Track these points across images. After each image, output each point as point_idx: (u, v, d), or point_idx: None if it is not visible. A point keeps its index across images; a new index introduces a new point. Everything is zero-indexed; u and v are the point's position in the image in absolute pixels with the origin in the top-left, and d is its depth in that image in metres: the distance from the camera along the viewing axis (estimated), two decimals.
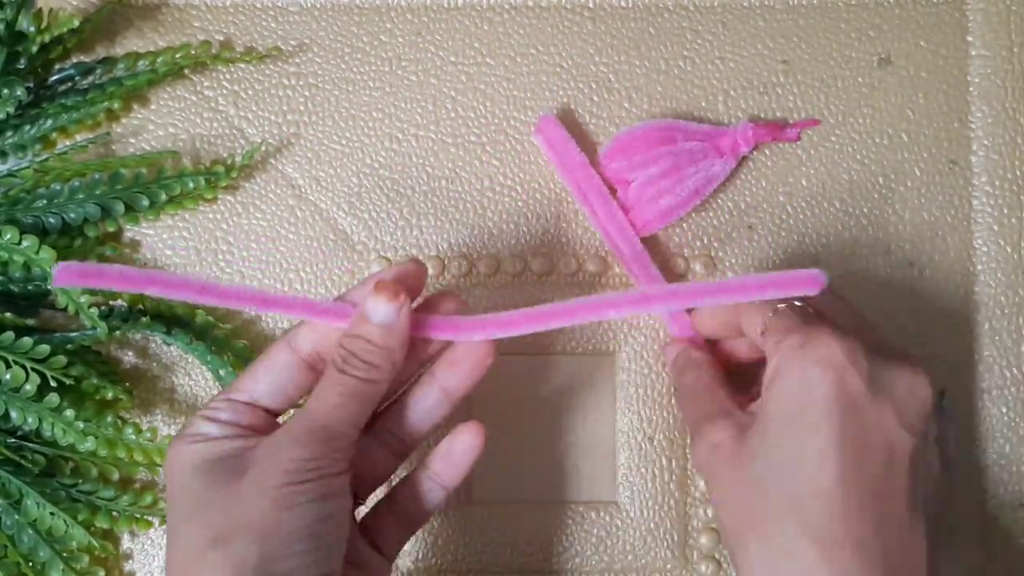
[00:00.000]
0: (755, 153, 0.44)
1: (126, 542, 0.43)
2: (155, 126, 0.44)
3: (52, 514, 0.39)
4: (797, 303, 0.35)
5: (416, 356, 0.36)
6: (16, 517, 0.40)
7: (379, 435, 0.36)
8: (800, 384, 0.33)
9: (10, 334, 0.38)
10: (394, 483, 0.37)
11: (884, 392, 0.32)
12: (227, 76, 0.44)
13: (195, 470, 0.32)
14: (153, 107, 0.44)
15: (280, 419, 0.35)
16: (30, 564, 0.40)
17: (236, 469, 0.31)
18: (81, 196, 0.41)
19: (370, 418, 0.34)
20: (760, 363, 0.35)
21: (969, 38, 0.45)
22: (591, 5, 0.45)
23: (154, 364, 0.43)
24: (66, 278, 0.32)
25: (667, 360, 0.41)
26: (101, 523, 0.40)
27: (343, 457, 0.32)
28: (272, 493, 0.30)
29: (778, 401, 0.33)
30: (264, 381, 0.34)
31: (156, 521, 0.42)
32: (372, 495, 0.37)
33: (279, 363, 0.34)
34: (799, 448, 0.32)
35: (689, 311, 0.41)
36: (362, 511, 0.37)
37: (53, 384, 0.38)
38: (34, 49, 0.41)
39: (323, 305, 0.34)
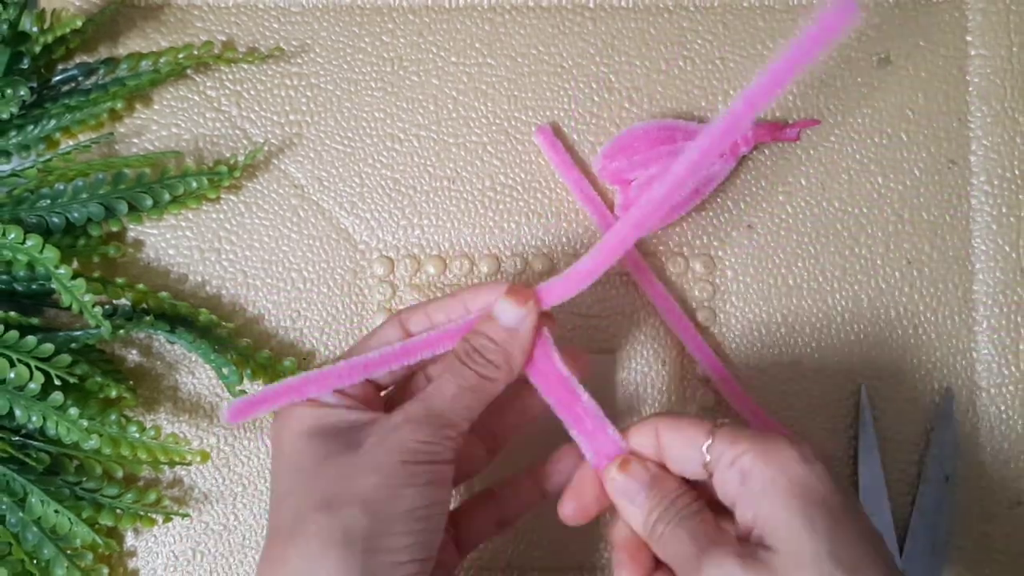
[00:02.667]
0: (755, 153, 0.44)
1: (130, 539, 0.43)
2: (158, 126, 0.44)
3: (56, 512, 0.39)
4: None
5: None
6: (21, 515, 0.40)
7: (474, 430, 0.36)
8: (799, 490, 0.30)
9: (14, 333, 0.38)
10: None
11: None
12: (230, 76, 0.44)
13: (310, 435, 0.32)
14: (156, 107, 0.44)
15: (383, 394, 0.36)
16: (34, 561, 0.40)
17: (351, 441, 0.32)
18: (85, 196, 0.41)
19: None
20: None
21: (968, 38, 0.45)
22: (592, 6, 0.45)
23: (158, 363, 0.43)
24: (239, 415, 0.34)
25: (614, 488, 0.34)
26: (105, 521, 0.41)
27: (454, 446, 0.33)
28: (387, 469, 0.31)
29: (775, 512, 0.30)
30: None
31: (160, 519, 0.42)
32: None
33: (389, 338, 0.35)
34: (814, 554, 0.29)
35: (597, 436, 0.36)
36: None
37: (57, 382, 0.38)
38: (37, 49, 0.41)
39: (455, 329, 0.35)
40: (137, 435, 0.40)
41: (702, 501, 0.33)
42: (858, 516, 0.30)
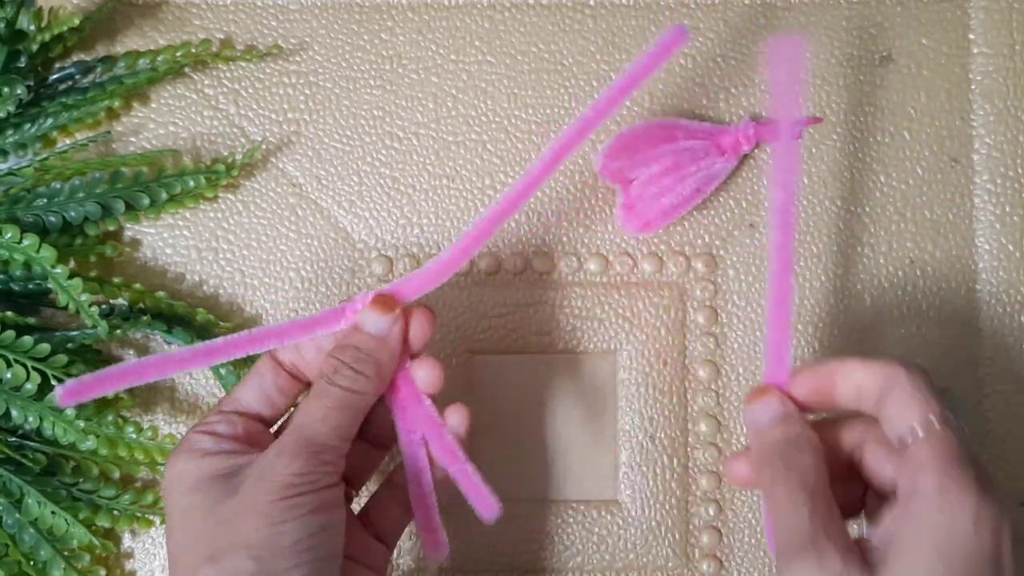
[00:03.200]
0: (757, 151, 0.44)
1: (127, 541, 0.43)
2: (156, 124, 0.44)
3: (53, 513, 0.39)
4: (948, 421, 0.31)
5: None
6: (17, 516, 0.40)
7: (361, 431, 0.36)
8: (947, 550, 0.28)
9: (11, 333, 0.38)
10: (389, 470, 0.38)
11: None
12: (228, 74, 0.44)
13: (191, 489, 0.32)
14: (154, 105, 0.44)
15: (273, 429, 0.36)
16: (31, 563, 0.40)
17: (231, 487, 0.32)
18: (82, 195, 0.41)
19: None
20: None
21: (971, 36, 0.45)
22: (592, 3, 0.45)
23: None
24: (71, 396, 0.33)
25: (755, 418, 0.33)
26: (102, 522, 0.40)
27: (334, 470, 0.33)
28: (264, 508, 0.31)
29: (915, 557, 0.28)
30: (252, 391, 0.35)
31: (157, 520, 0.42)
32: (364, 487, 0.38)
33: (264, 372, 0.35)
34: None
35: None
36: (358, 503, 0.38)
37: (54, 383, 0.38)
38: (34, 48, 0.41)
39: (313, 319, 0.35)
40: (134, 436, 0.40)
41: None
42: None
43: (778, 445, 0.32)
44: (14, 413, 0.38)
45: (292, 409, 0.37)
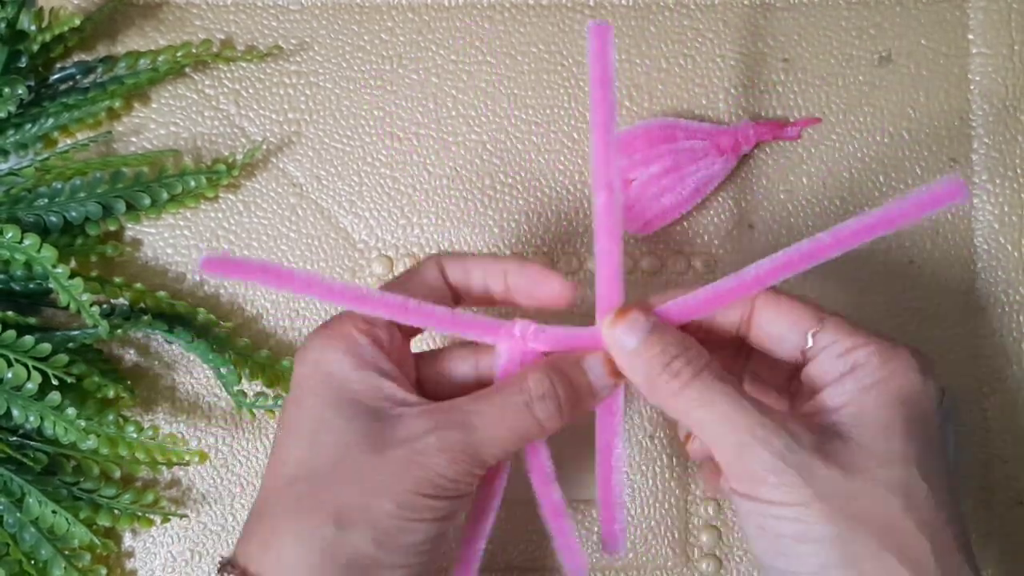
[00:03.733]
0: (756, 151, 0.44)
1: (128, 540, 0.43)
2: (156, 125, 0.44)
3: (54, 512, 0.39)
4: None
5: None
6: (18, 515, 0.40)
7: None
8: (908, 398, 0.29)
9: (12, 332, 0.38)
10: None
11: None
12: (228, 75, 0.44)
13: (335, 403, 0.30)
14: (154, 106, 0.44)
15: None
16: (32, 562, 0.40)
17: (376, 437, 0.29)
18: (82, 195, 0.41)
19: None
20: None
21: (970, 36, 0.45)
22: (592, 3, 0.45)
23: (156, 362, 0.43)
24: (211, 268, 0.30)
25: (623, 342, 0.31)
26: (103, 521, 0.40)
27: (478, 482, 0.31)
28: (405, 497, 0.29)
29: (877, 411, 0.29)
30: (412, 293, 0.32)
31: (158, 519, 0.42)
32: None
33: (428, 280, 0.33)
34: (901, 476, 0.29)
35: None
36: None
37: (55, 382, 0.38)
38: (35, 48, 0.41)
39: (470, 319, 0.32)
40: (135, 435, 0.40)
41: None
42: (943, 447, 0.30)
43: (667, 360, 0.31)
44: (15, 413, 0.38)
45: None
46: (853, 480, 0.28)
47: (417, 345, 0.36)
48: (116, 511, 0.41)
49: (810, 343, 0.31)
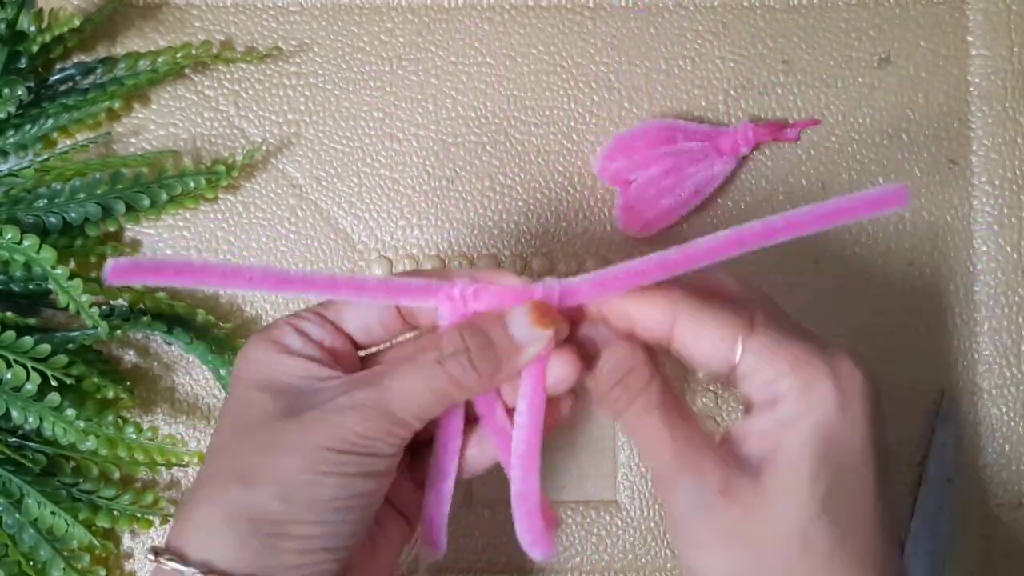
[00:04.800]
0: (755, 153, 0.44)
1: (127, 541, 0.43)
2: (156, 125, 0.44)
3: (53, 513, 0.39)
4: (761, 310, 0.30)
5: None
6: (17, 516, 0.40)
7: (412, 464, 0.34)
8: (824, 435, 0.28)
9: (11, 333, 0.38)
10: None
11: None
12: (228, 76, 0.44)
13: (259, 385, 0.31)
14: (154, 107, 0.44)
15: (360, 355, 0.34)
16: (31, 563, 0.40)
17: (295, 404, 0.30)
18: (82, 195, 0.41)
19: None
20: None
21: (969, 38, 0.45)
22: (591, 5, 0.45)
23: (155, 363, 0.43)
24: (118, 275, 0.29)
25: (601, 374, 0.31)
26: (102, 522, 0.40)
27: (400, 443, 0.30)
28: (312, 453, 0.29)
29: (790, 446, 0.29)
30: (355, 311, 0.32)
31: (157, 520, 0.42)
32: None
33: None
34: (799, 519, 0.28)
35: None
36: None
37: (54, 383, 0.38)
38: (35, 48, 0.41)
39: (404, 285, 0.31)
40: (134, 436, 0.40)
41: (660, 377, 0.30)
42: (869, 482, 0.29)
43: (608, 385, 0.31)
44: (14, 413, 0.38)
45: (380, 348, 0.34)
46: (753, 521, 0.28)
47: None
48: (115, 512, 0.41)
49: (737, 358, 0.30)
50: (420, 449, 0.34)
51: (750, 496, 0.29)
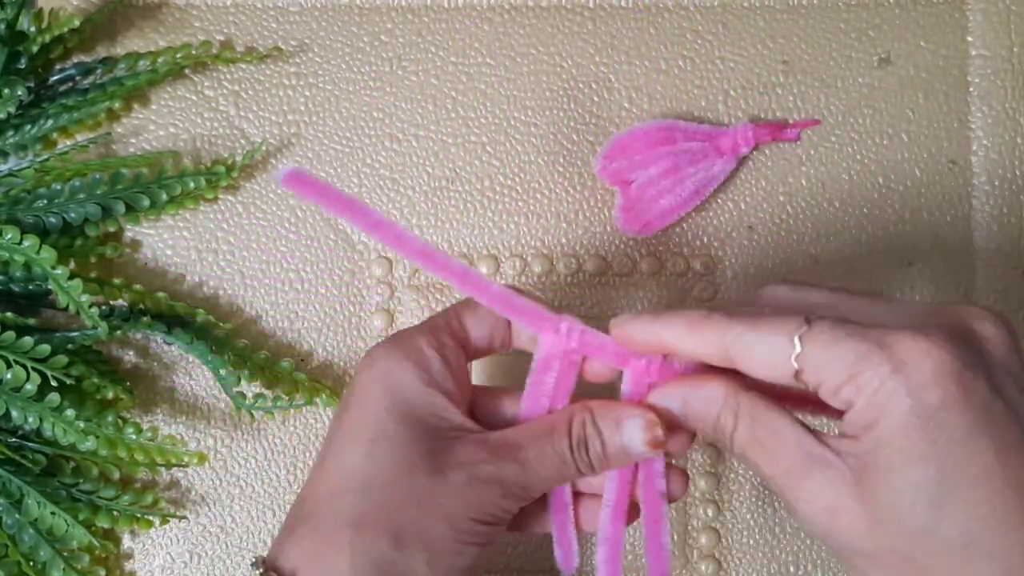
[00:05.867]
0: (755, 153, 0.44)
1: (127, 541, 0.43)
2: (156, 126, 0.44)
3: (53, 513, 0.39)
4: (817, 317, 0.28)
5: None
6: (17, 516, 0.40)
7: None
8: (922, 418, 0.26)
9: (11, 334, 0.38)
10: None
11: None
12: (228, 76, 0.44)
13: (401, 417, 0.30)
14: (154, 107, 0.44)
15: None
16: (31, 563, 0.40)
17: (434, 457, 0.30)
18: (82, 196, 0.41)
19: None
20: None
21: (969, 38, 0.45)
22: (591, 5, 0.45)
23: (155, 364, 0.43)
24: (292, 182, 0.30)
25: (706, 417, 0.30)
26: (102, 522, 0.40)
27: (517, 510, 0.31)
28: (460, 522, 0.29)
29: (900, 441, 0.26)
30: (476, 319, 0.32)
31: (156, 520, 0.42)
32: None
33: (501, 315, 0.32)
34: (951, 494, 0.26)
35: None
36: None
37: (54, 384, 0.38)
38: (35, 49, 0.41)
39: (527, 308, 0.32)
40: (134, 436, 0.40)
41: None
42: (1000, 468, 0.26)
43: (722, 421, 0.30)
44: (14, 414, 0.38)
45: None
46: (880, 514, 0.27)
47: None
48: (115, 512, 0.41)
49: (795, 366, 0.28)
50: None
51: (883, 494, 0.27)
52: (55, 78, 0.43)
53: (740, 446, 0.30)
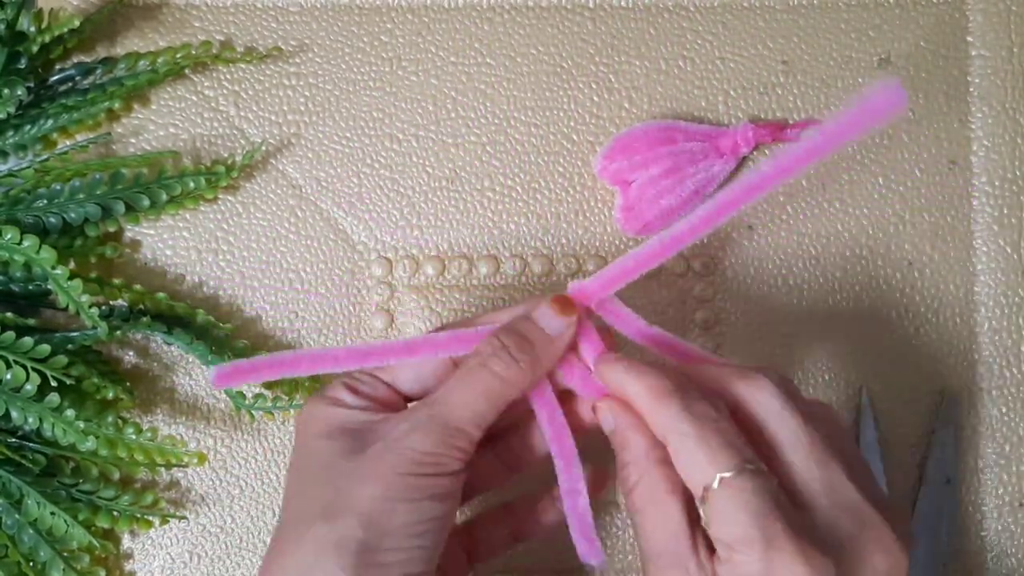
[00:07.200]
0: (755, 153, 0.44)
1: (127, 542, 0.43)
2: (156, 126, 0.44)
3: (53, 514, 0.39)
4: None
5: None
6: (17, 517, 0.40)
7: (497, 444, 0.36)
8: None
9: (11, 334, 0.38)
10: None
11: None
12: (227, 76, 0.44)
13: (320, 435, 0.32)
14: (154, 107, 0.44)
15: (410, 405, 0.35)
16: (31, 564, 0.40)
17: (360, 443, 0.31)
18: (82, 196, 0.41)
19: (494, 425, 0.33)
20: None
21: (969, 38, 0.45)
22: (591, 5, 0.45)
23: (155, 364, 0.43)
24: (223, 381, 0.33)
25: (621, 440, 0.32)
26: (102, 523, 0.40)
27: (462, 457, 0.32)
28: (385, 478, 0.30)
29: None
30: (407, 366, 0.34)
31: (156, 520, 0.42)
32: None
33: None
34: None
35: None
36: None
37: (54, 384, 0.38)
38: (35, 49, 0.41)
39: (447, 337, 0.34)
40: (134, 437, 0.40)
41: None
42: None
43: (621, 466, 0.32)
44: (14, 414, 0.38)
45: None
46: None
47: None
48: (115, 512, 0.41)
49: (702, 493, 0.29)
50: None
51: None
52: (55, 78, 0.43)
53: (632, 504, 0.31)
